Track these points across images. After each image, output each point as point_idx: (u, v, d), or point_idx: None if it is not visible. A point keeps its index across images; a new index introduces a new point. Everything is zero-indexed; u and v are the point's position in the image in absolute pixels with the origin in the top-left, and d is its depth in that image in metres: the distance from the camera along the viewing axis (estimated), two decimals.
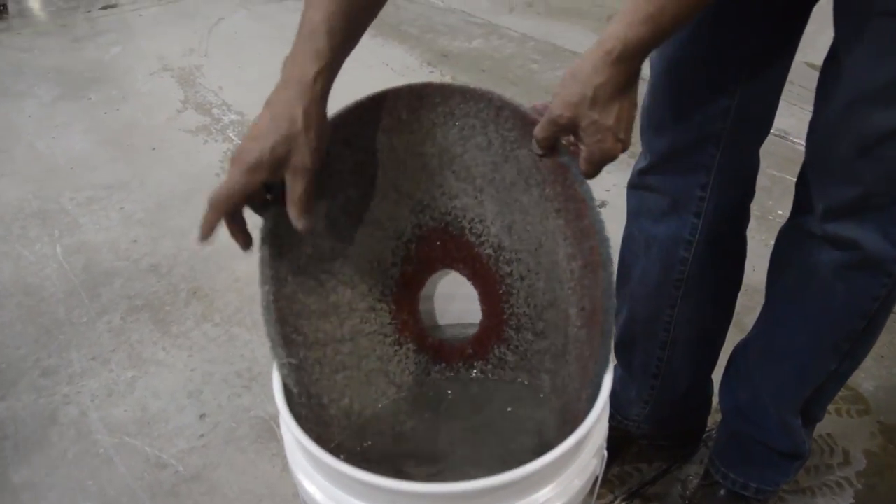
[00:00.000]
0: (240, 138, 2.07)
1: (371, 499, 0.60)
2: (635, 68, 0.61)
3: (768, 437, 0.93)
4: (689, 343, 0.97)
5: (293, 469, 0.67)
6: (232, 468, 1.10)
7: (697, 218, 0.88)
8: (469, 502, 0.59)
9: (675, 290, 0.92)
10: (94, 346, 1.34)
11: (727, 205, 0.88)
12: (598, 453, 0.67)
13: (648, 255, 0.93)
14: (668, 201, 0.88)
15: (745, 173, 0.88)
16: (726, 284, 0.95)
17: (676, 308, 0.94)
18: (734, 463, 0.97)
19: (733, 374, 0.97)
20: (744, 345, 0.96)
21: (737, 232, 0.92)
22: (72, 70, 2.58)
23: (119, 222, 1.71)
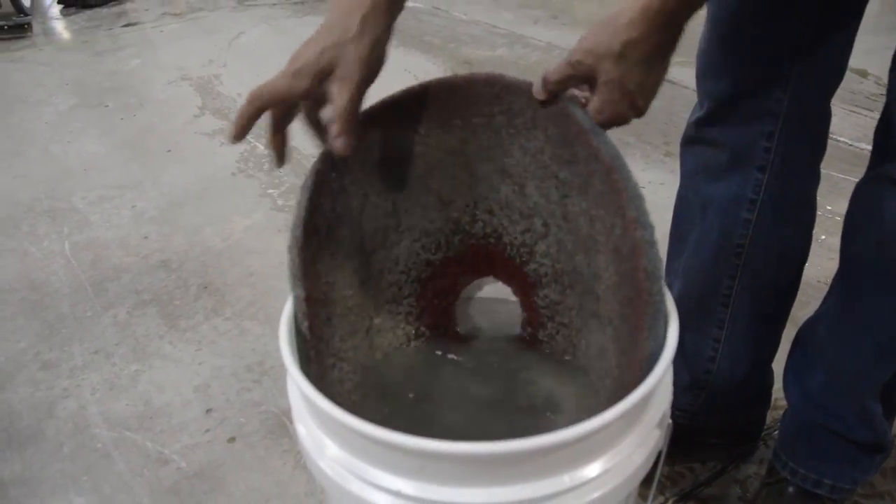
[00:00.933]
0: (258, 141, 2.01)
1: (382, 459, 0.50)
2: (673, 33, 0.54)
3: (844, 426, 0.81)
4: (749, 320, 0.86)
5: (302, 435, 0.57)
6: (239, 465, 1.00)
7: (762, 173, 0.78)
8: (499, 469, 0.49)
9: (736, 258, 0.82)
10: (97, 340, 1.26)
11: (796, 159, 0.78)
12: (662, 422, 0.57)
13: (705, 220, 0.83)
14: (729, 155, 0.78)
15: (816, 124, 0.79)
16: (792, 253, 0.85)
17: (737, 279, 0.83)
18: (804, 457, 0.85)
19: (800, 357, 0.86)
20: (813, 323, 0.85)
21: (806, 193, 0.82)
22: (90, 81, 2.55)
23: (130, 220, 1.64)
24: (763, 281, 0.84)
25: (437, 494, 0.49)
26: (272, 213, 1.63)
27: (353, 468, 0.52)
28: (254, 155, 1.93)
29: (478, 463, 0.48)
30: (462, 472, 0.49)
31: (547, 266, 0.69)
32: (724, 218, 0.81)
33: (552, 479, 0.50)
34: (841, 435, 0.82)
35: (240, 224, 1.60)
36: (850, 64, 0.77)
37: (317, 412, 0.55)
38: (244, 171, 1.84)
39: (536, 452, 0.48)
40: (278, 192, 1.73)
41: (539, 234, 0.68)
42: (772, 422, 1.03)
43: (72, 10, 3.53)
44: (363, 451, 0.51)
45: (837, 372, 0.80)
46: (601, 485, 0.52)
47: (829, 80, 0.76)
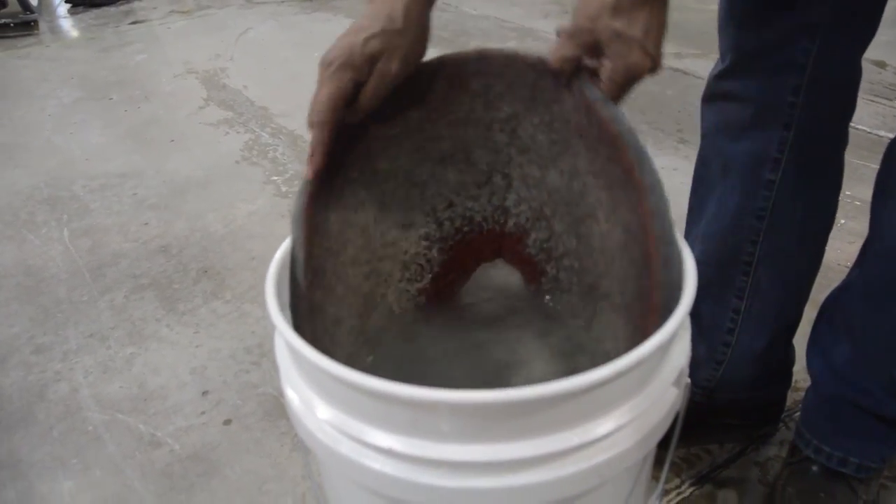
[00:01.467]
0: (263, 130, 1.97)
1: (372, 413, 0.45)
2: None
3: (872, 400, 0.76)
4: (771, 290, 0.81)
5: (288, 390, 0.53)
6: (234, 447, 0.96)
7: (787, 130, 0.73)
8: (498, 422, 0.44)
9: (758, 221, 0.77)
10: (92, 324, 1.22)
11: (823, 115, 0.73)
12: (679, 380, 0.52)
13: (726, 181, 0.78)
14: (752, 110, 0.73)
15: (845, 78, 0.74)
16: (818, 217, 0.80)
17: (758, 245, 0.79)
18: (829, 434, 0.80)
19: (825, 328, 0.81)
20: (839, 292, 0.80)
21: (833, 153, 0.77)
22: (95, 75, 2.53)
23: (131, 207, 1.61)
24: (786, 247, 0.79)
25: (432, 451, 0.45)
26: (276, 199, 1.60)
27: (343, 427, 0.48)
28: (258, 143, 1.89)
29: (475, 414, 0.44)
30: (457, 426, 0.44)
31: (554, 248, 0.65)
32: (746, 179, 0.76)
33: (558, 434, 0.45)
34: (868, 410, 0.77)
35: (242, 210, 1.56)
36: (869, 55, 0.73)
37: (302, 364, 0.51)
38: (248, 160, 1.81)
39: (541, 402, 0.43)
40: (282, 178, 1.69)
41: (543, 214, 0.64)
42: (792, 403, 0.98)
43: (79, 9, 3.51)
44: (352, 405, 0.47)
45: (865, 343, 0.75)
46: (613, 444, 0.47)
47: (862, 30, 0.71)
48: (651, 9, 0.51)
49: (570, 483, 0.47)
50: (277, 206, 1.56)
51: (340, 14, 3.17)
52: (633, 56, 0.52)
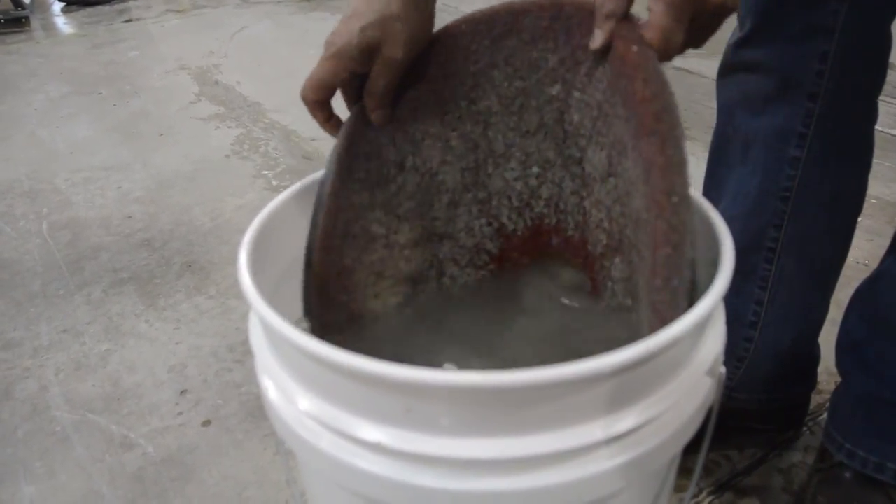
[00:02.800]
0: (255, 125, 1.91)
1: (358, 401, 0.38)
2: None
3: None
4: (797, 279, 0.74)
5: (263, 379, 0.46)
6: (213, 450, 0.89)
7: (813, 102, 0.66)
8: (509, 411, 0.37)
9: (783, 203, 0.71)
10: (67, 319, 1.15)
11: (853, 85, 0.66)
12: (713, 370, 0.45)
13: (746, 160, 0.72)
14: (776, 80, 0.67)
15: (876, 46, 0.67)
16: (846, 197, 0.73)
17: (783, 229, 0.72)
18: (863, 436, 0.73)
19: (856, 322, 0.74)
20: (871, 283, 0.73)
21: (863, 127, 0.71)
22: (85, 71, 2.46)
23: (115, 200, 1.53)
24: (813, 231, 0.72)
25: (429, 447, 0.38)
26: (266, 192, 1.53)
27: (324, 419, 0.41)
28: (250, 138, 1.83)
29: (479, 401, 0.37)
30: (459, 416, 0.37)
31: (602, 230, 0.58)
32: (769, 156, 0.70)
33: (579, 428, 0.38)
34: None
35: (231, 203, 1.49)
36: None
37: (277, 344, 0.44)
38: (239, 154, 1.74)
39: (558, 387, 0.36)
40: (273, 172, 1.62)
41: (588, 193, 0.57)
42: (815, 406, 0.91)
43: (73, 8, 3.46)
44: (335, 392, 0.40)
45: None
46: (641, 440, 0.40)
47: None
48: None
49: (590, 486, 0.39)
50: (267, 200, 1.47)
51: (338, 13, 3.11)
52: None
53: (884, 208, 1.37)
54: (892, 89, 2.00)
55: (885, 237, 1.29)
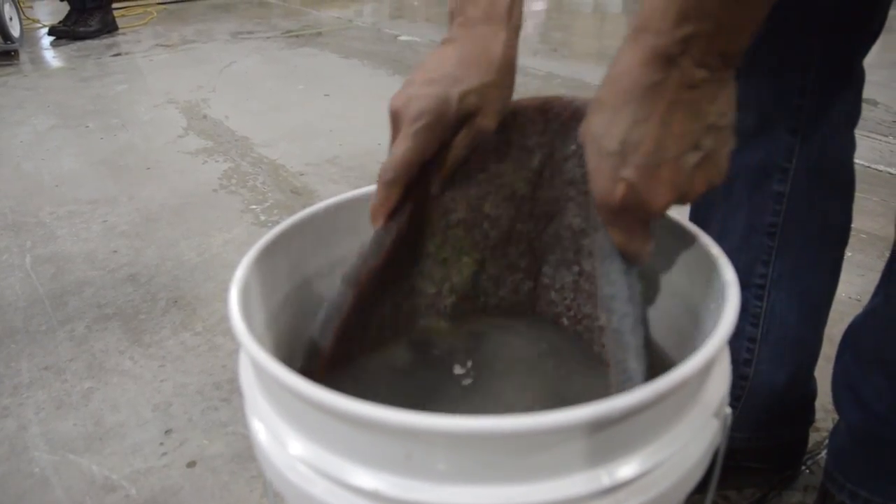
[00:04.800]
0: (243, 159, 1.90)
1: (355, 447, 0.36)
2: (672, 52, 0.37)
3: None
4: (789, 314, 0.74)
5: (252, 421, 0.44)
6: (198, 492, 0.86)
7: (793, 136, 0.67)
8: (511, 458, 0.36)
9: (769, 238, 0.71)
10: (49, 356, 1.12)
11: (831, 117, 0.67)
12: (719, 411, 0.44)
13: (731, 196, 0.71)
14: (755, 116, 0.67)
15: (850, 80, 0.68)
16: (833, 232, 0.73)
17: (771, 265, 0.72)
18: (865, 477, 0.71)
19: (852, 360, 0.73)
20: (863, 318, 0.73)
21: (845, 159, 0.71)
22: (73, 104, 2.45)
23: (100, 234, 1.51)
24: (802, 265, 0.72)
25: (429, 495, 0.36)
26: (254, 227, 1.51)
27: (318, 464, 0.39)
28: (238, 172, 1.82)
29: (481, 447, 0.35)
30: (460, 463, 0.36)
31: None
32: (753, 192, 0.70)
33: (582, 475, 0.37)
34: None
35: (218, 238, 1.47)
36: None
37: (268, 386, 0.42)
38: (226, 188, 1.73)
39: (562, 432, 0.35)
40: (261, 207, 1.61)
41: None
42: (814, 445, 0.89)
43: (62, 42, 3.46)
44: (330, 437, 0.38)
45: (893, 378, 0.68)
46: (648, 486, 0.38)
47: (867, 30, 0.66)
48: (644, 117, 0.37)
49: None
50: (255, 235, 1.47)
51: (326, 49, 3.13)
52: (601, 175, 0.40)
53: (874, 243, 1.37)
54: (876, 125, 2.03)
55: (877, 272, 1.28)
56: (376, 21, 3.86)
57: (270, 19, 3.99)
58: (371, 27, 3.68)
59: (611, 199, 0.40)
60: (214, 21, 3.94)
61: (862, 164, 1.79)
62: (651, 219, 0.42)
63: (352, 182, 1.71)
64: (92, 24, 3.47)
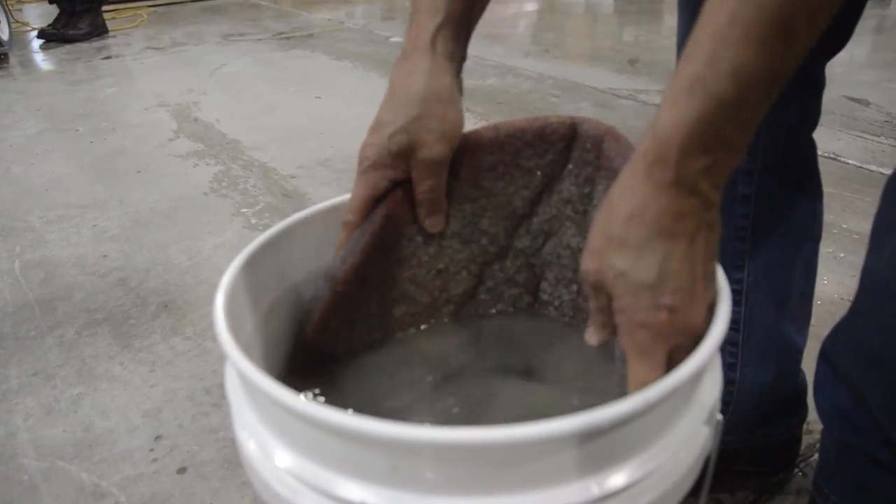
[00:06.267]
0: (234, 162, 1.89)
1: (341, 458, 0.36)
2: (692, 182, 0.38)
3: (886, 452, 0.67)
4: (768, 315, 0.74)
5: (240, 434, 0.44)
6: (188, 499, 0.85)
7: (756, 137, 0.67)
8: (499, 469, 0.35)
9: (741, 242, 0.71)
10: (38, 361, 1.11)
11: (790, 120, 0.68)
12: (710, 418, 0.44)
13: None
14: None
15: (809, 86, 0.68)
16: (803, 229, 0.73)
17: (746, 269, 0.72)
18: (849, 490, 0.71)
19: (828, 373, 0.73)
20: (836, 331, 0.72)
21: (807, 158, 0.72)
22: (63, 107, 2.44)
23: (90, 239, 1.50)
24: (776, 265, 0.72)
25: None
26: (245, 231, 1.51)
27: (305, 476, 0.39)
28: (229, 175, 1.81)
29: (468, 458, 0.35)
30: (447, 474, 0.35)
31: None
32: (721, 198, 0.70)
33: (573, 485, 0.36)
34: (888, 465, 0.68)
35: (209, 242, 1.46)
36: (852, 94, 0.69)
37: (255, 397, 0.42)
38: (217, 191, 1.72)
39: (549, 443, 0.34)
40: (252, 210, 1.61)
41: None
42: (806, 448, 0.89)
43: (52, 45, 3.44)
44: (316, 449, 0.38)
45: (867, 392, 0.67)
46: (639, 494, 0.38)
47: (829, 40, 0.66)
48: (671, 244, 0.38)
49: None
50: (246, 239, 1.46)
51: (318, 51, 3.13)
52: (640, 311, 0.39)
53: (864, 243, 1.36)
54: (867, 125, 2.04)
55: None
56: (367, 22, 3.85)
57: (261, 21, 3.97)
58: (362, 29, 3.67)
59: (655, 325, 0.39)
60: (205, 23, 3.92)
61: (853, 164, 1.80)
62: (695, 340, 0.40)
63: (344, 184, 1.70)
64: (82, 27, 3.45)
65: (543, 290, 0.60)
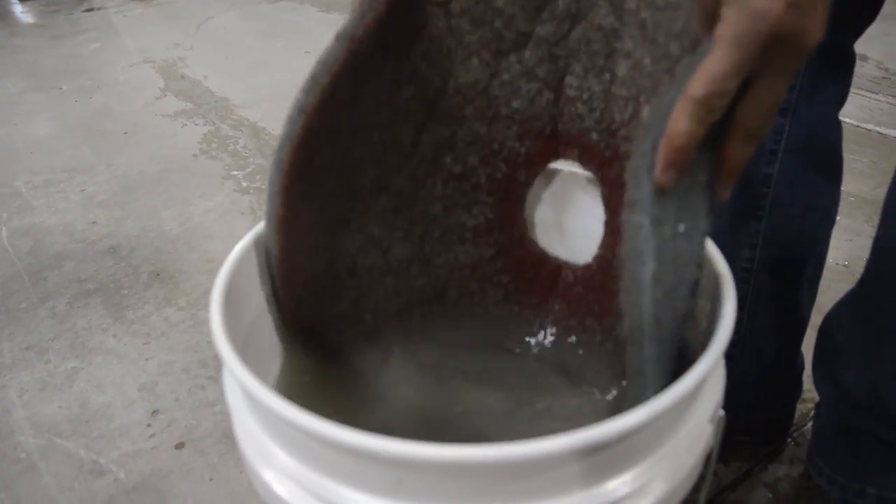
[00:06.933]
0: (223, 122, 1.86)
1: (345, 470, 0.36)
2: None
3: (888, 429, 0.68)
4: (774, 296, 0.74)
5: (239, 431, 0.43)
6: (187, 474, 0.86)
7: (783, 118, 0.66)
8: (503, 484, 0.35)
9: (757, 222, 0.70)
10: (30, 335, 1.10)
11: (821, 100, 0.66)
12: (714, 416, 0.44)
13: None
14: None
15: (843, 61, 0.67)
16: (819, 215, 0.73)
17: (758, 249, 0.71)
18: (844, 463, 0.72)
19: (829, 348, 0.73)
20: (842, 304, 0.72)
21: (831, 142, 0.70)
22: (44, 64, 2.38)
23: (78, 204, 1.48)
24: (788, 248, 0.72)
25: None
26: (235, 195, 1.49)
27: (307, 485, 0.38)
28: (218, 136, 1.78)
29: (471, 475, 0.34)
30: (451, 489, 0.35)
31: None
32: (742, 175, 0.69)
33: (579, 495, 0.36)
34: (884, 439, 0.69)
35: (200, 207, 1.45)
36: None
37: (258, 410, 0.41)
38: (207, 153, 1.69)
39: (556, 459, 0.34)
40: (243, 173, 1.58)
41: None
42: (800, 417, 0.90)
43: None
44: (320, 461, 0.38)
45: (869, 368, 0.67)
46: (644, 496, 0.38)
47: (859, 14, 0.64)
48: None
49: None
50: (237, 203, 1.45)
51: (306, 3, 3.05)
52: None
53: (861, 206, 1.37)
54: (865, 82, 2.01)
55: (864, 236, 1.29)
56: None
57: None
58: None
59: (764, 22, 0.32)
60: None
61: (850, 122, 1.78)
62: (801, 57, 0.34)
63: None
64: None
65: (569, 85, 0.52)
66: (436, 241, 0.56)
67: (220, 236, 1.33)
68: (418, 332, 0.56)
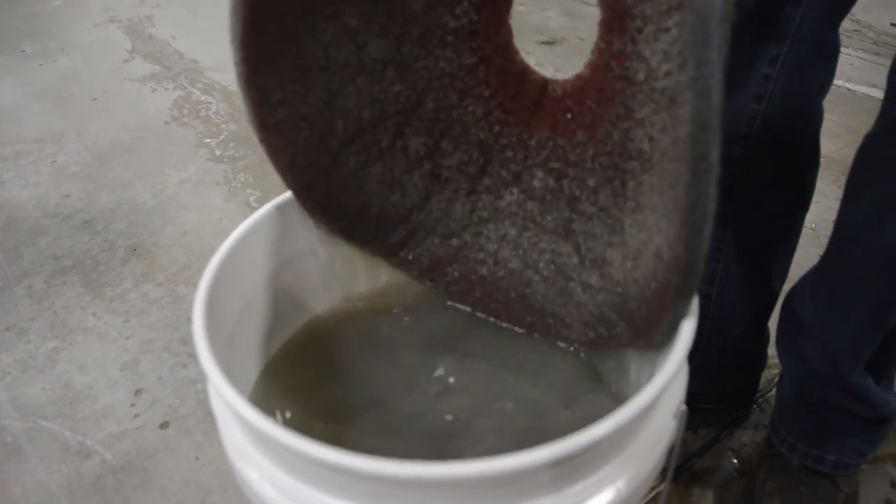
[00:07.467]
0: (194, 86, 1.83)
1: (325, 479, 0.38)
2: None
3: (846, 399, 0.72)
4: (745, 274, 0.76)
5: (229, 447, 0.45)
6: (173, 454, 0.88)
7: (758, 104, 0.67)
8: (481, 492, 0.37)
9: (726, 203, 0.72)
10: (9, 315, 1.11)
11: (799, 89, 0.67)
12: (677, 412, 0.46)
13: None
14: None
15: (825, 48, 0.67)
16: (790, 198, 0.75)
17: (728, 229, 0.73)
18: (805, 431, 0.76)
19: (792, 321, 0.76)
20: (802, 281, 0.75)
21: (808, 128, 0.71)
22: (4, 24, 2.31)
23: (49, 177, 1.46)
24: (758, 230, 0.74)
25: None
26: (209, 164, 1.48)
27: (291, 492, 0.40)
28: (189, 101, 1.75)
29: (448, 489, 0.36)
30: (434, 499, 0.37)
31: None
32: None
33: (548, 498, 0.38)
34: (842, 408, 0.72)
35: (174, 178, 1.44)
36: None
37: (241, 423, 0.43)
38: (178, 120, 1.67)
39: (529, 472, 0.36)
40: (216, 141, 1.57)
41: None
42: (765, 383, 0.94)
43: None
44: (305, 473, 0.39)
45: (827, 340, 0.70)
46: (611, 493, 0.41)
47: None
48: None
49: None
50: (211, 173, 1.44)
51: None
52: None
53: (829, 167, 1.39)
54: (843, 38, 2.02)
55: (832, 198, 1.31)
56: None
57: None
58: None
59: None
60: None
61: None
62: None
63: None
64: None
65: None
66: (415, 41, 0.51)
67: (195, 208, 1.33)
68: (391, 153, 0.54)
